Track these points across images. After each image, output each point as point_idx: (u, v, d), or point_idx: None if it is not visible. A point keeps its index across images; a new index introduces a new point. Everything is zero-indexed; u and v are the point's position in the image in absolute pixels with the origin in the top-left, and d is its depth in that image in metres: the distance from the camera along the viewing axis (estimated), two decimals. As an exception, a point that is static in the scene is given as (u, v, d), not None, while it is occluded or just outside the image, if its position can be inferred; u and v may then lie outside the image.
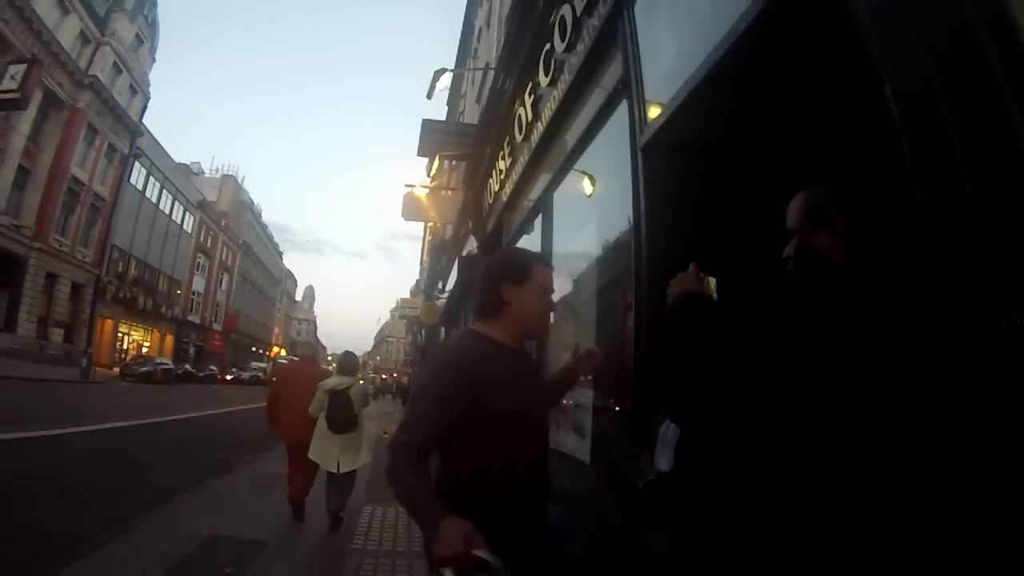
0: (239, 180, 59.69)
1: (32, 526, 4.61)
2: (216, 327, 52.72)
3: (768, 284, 1.51)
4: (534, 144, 5.14)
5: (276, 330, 76.31)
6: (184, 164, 48.61)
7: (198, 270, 48.53)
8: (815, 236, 1.28)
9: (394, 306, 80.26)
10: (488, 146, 7.38)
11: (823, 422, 1.05)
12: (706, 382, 1.18)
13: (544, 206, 5.10)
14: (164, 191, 40.91)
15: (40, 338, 27.54)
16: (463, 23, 19.80)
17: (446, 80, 12.01)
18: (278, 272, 76.60)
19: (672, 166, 2.61)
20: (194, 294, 48.05)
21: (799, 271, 1.33)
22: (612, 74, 3.45)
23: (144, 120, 36.02)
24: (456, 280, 10.82)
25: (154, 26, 35.90)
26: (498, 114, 6.65)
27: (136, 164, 35.94)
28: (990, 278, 0.98)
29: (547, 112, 4.69)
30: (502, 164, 6.53)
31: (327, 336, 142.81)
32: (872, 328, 1.06)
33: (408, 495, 1.56)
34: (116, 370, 31.30)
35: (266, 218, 71.74)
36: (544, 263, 1.86)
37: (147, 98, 36.11)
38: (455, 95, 21.08)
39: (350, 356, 6.20)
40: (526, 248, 2.07)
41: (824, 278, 1.25)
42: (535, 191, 5.57)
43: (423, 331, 27.80)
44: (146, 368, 30.63)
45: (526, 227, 5.89)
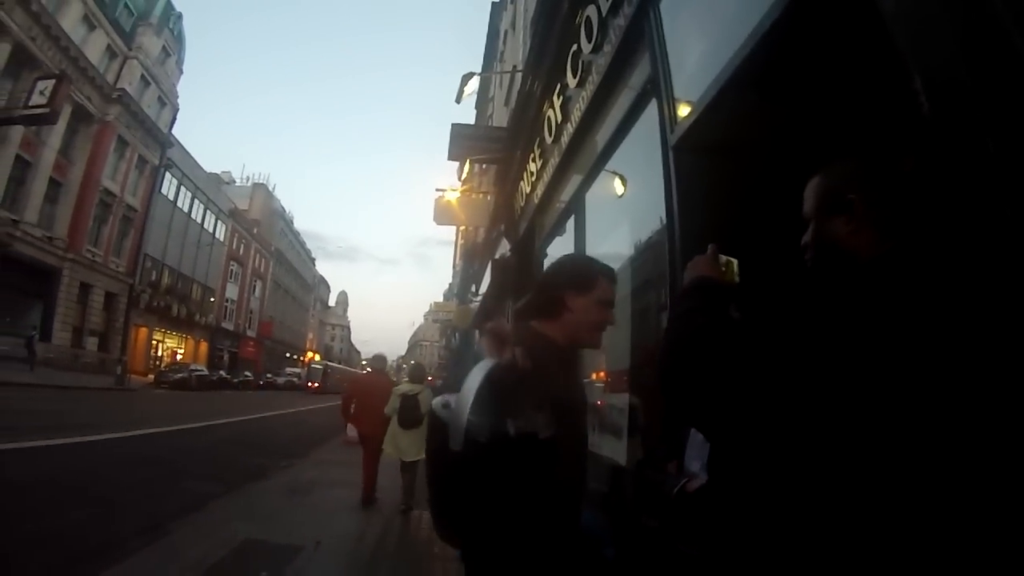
0: (270, 188, 60.70)
1: (66, 532, 4.64)
2: (250, 334, 53.50)
3: (792, 278, 1.45)
4: (564, 146, 5.15)
5: (310, 336, 77.25)
6: (215, 174, 49.48)
7: (231, 278, 49.32)
8: (831, 223, 1.24)
9: (427, 310, 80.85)
10: (518, 149, 7.37)
11: (827, 422, 1.02)
12: (707, 374, 1.12)
13: (576, 207, 5.13)
14: (196, 200, 41.66)
15: (75, 347, 28.14)
16: (488, 28, 20.23)
17: (474, 84, 12.46)
18: (311, 279, 77.59)
19: (704, 165, 2.61)
20: (228, 302, 48.83)
21: (815, 260, 1.29)
22: (640, 74, 3.49)
23: (173, 131, 36.66)
24: (489, 283, 10.89)
25: (180, 39, 36.55)
26: (527, 117, 6.66)
27: (167, 175, 36.58)
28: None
29: (576, 113, 4.70)
30: (533, 166, 6.55)
31: (361, 342, 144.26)
32: (888, 322, 1.00)
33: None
34: (150, 377, 31.87)
35: (298, 225, 72.94)
36: (609, 276, 1.84)
37: (176, 109, 36.76)
38: (483, 99, 21.29)
39: (419, 367, 8.06)
40: (593, 258, 2.01)
41: (840, 267, 1.20)
42: (566, 192, 5.61)
43: (456, 335, 27.98)
44: (181, 375, 31.16)
45: (558, 229, 5.94)
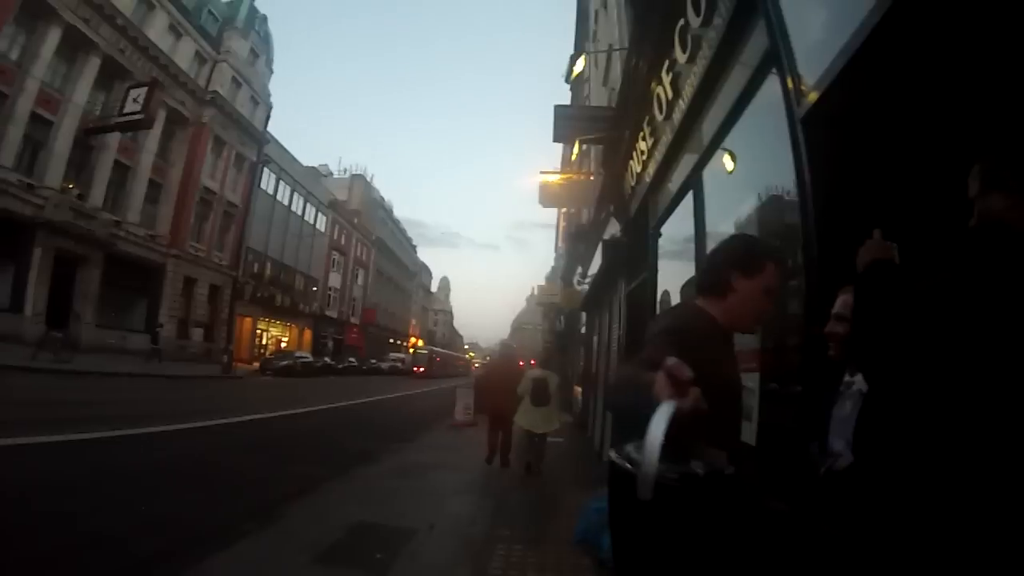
0: (368, 179, 62.43)
1: (179, 516, 4.73)
2: (354, 321, 55.52)
3: (947, 253, 1.47)
4: (677, 123, 5.00)
5: (413, 321, 79.38)
6: (313, 167, 51.46)
7: (334, 267, 51.24)
8: (991, 199, 1.34)
9: (529, 294, 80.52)
10: (627, 127, 7.25)
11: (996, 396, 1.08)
12: (903, 348, 1.27)
13: (693, 185, 4.96)
14: (295, 194, 43.42)
15: (181, 338, 30.05)
16: (577, 9, 20.56)
17: (581, 63, 13.21)
18: (413, 265, 79.54)
19: (837, 138, 2.46)
20: (331, 290, 50.82)
21: (979, 237, 1.36)
22: (756, 45, 3.40)
23: (268, 128, 38.17)
24: (601, 265, 10.66)
25: (267, 40, 37.85)
26: (634, 95, 6.52)
27: (265, 170, 38.18)
28: None
29: (688, 89, 4.54)
30: (643, 145, 6.39)
31: (463, 326, 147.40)
32: None
33: (624, 382, 1.53)
34: (255, 365, 33.57)
35: (398, 214, 74.64)
36: (779, 261, 1.83)
37: (269, 107, 38.19)
38: (578, 81, 21.04)
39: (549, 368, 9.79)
40: (765, 241, 1.99)
41: (1002, 242, 1.27)
42: (681, 171, 5.48)
43: (562, 317, 27.87)
44: (286, 362, 32.51)
45: (674, 208, 5.82)
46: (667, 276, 6.15)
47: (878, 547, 1.43)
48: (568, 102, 22.64)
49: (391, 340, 65.63)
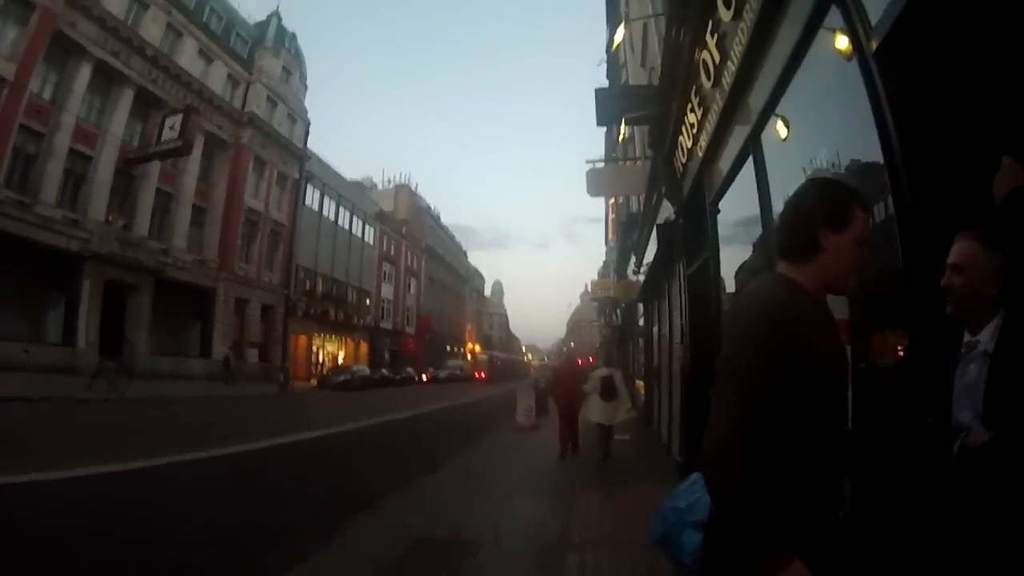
0: (413, 188, 62.47)
1: (243, 530, 4.85)
2: (409, 330, 55.46)
3: None
4: (727, 87, 4.79)
5: (468, 327, 79.08)
6: (356, 180, 51.63)
7: (385, 278, 51.26)
8: None
9: (583, 291, 79.11)
10: (673, 102, 6.93)
11: None
12: None
13: (752, 150, 4.67)
14: (341, 207, 43.54)
15: (237, 359, 30.12)
16: None
17: (621, 32, 12.75)
18: (464, 271, 79.29)
19: (918, 73, 2.23)
20: (384, 301, 50.85)
21: None
22: None
23: (308, 144, 38.22)
24: (656, 251, 10.41)
25: (299, 57, 37.97)
26: (679, 65, 6.26)
27: (308, 187, 38.39)
28: None
29: (737, 48, 4.37)
30: (692, 117, 6.14)
31: (518, 328, 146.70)
32: None
33: (742, 506, 1.33)
34: (313, 382, 33.61)
35: (446, 220, 74.48)
36: (865, 205, 1.53)
37: (307, 123, 38.26)
38: (614, 67, 20.70)
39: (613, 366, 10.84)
40: (843, 181, 1.72)
41: None
42: (737, 138, 5.18)
43: (618, 311, 27.85)
44: (343, 377, 32.45)
45: (732, 180, 5.51)
46: (730, 255, 5.85)
47: None
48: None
49: (448, 347, 65.41)
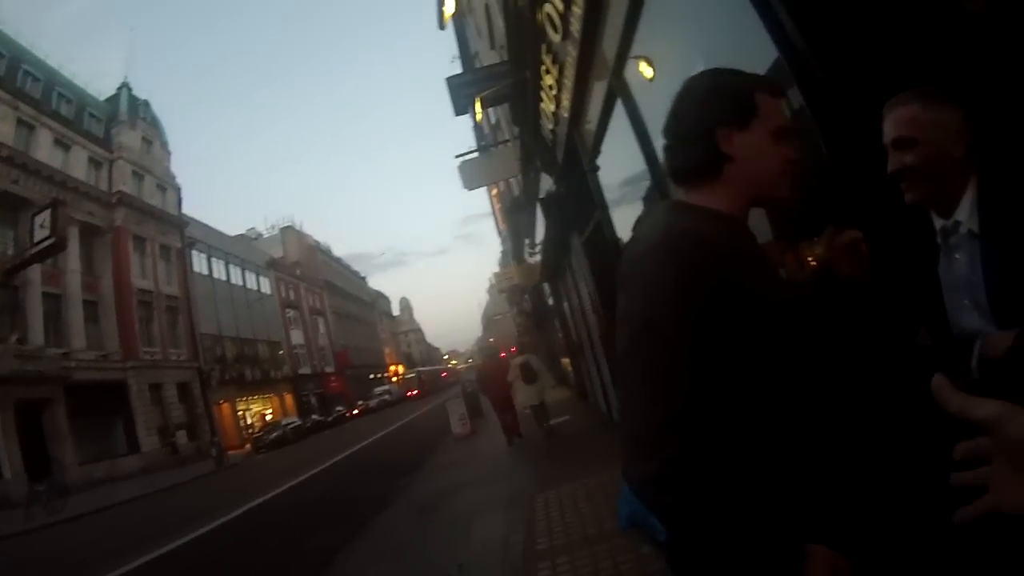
0: (298, 227, 61.29)
1: None
2: (329, 369, 54.71)
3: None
4: (578, 33, 4.45)
5: (387, 350, 78.70)
6: (240, 235, 50.30)
7: (292, 324, 50.27)
8: None
9: (489, 285, 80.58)
10: (526, 68, 6.52)
11: None
12: None
13: (618, 92, 4.37)
14: (230, 265, 42.32)
15: (166, 446, 29.08)
16: None
17: (451, 4, 12.85)
18: (368, 297, 78.58)
19: None
20: (297, 347, 49.88)
21: None
22: None
23: (184, 210, 37.00)
24: (546, 227, 10.50)
25: (155, 123, 36.60)
26: (524, 29, 5.88)
27: (194, 253, 37.18)
28: None
29: None
30: (549, 79, 5.79)
31: (437, 337, 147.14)
32: None
33: (723, 525, 0.96)
34: (248, 447, 32.82)
35: (338, 251, 73.70)
36: (770, 87, 1.20)
37: (178, 189, 37.00)
38: (468, 59, 20.45)
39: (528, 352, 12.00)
40: (738, 70, 1.24)
41: None
42: (599, 87, 4.89)
43: (526, 296, 27.66)
44: (276, 433, 31.96)
45: (604, 128, 5.26)
46: (625, 210, 5.46)
47: None
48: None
49: (371, 375, 64.91)
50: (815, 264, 1.41)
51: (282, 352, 46.38)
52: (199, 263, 38.07)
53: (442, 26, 18.67)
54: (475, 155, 14.39)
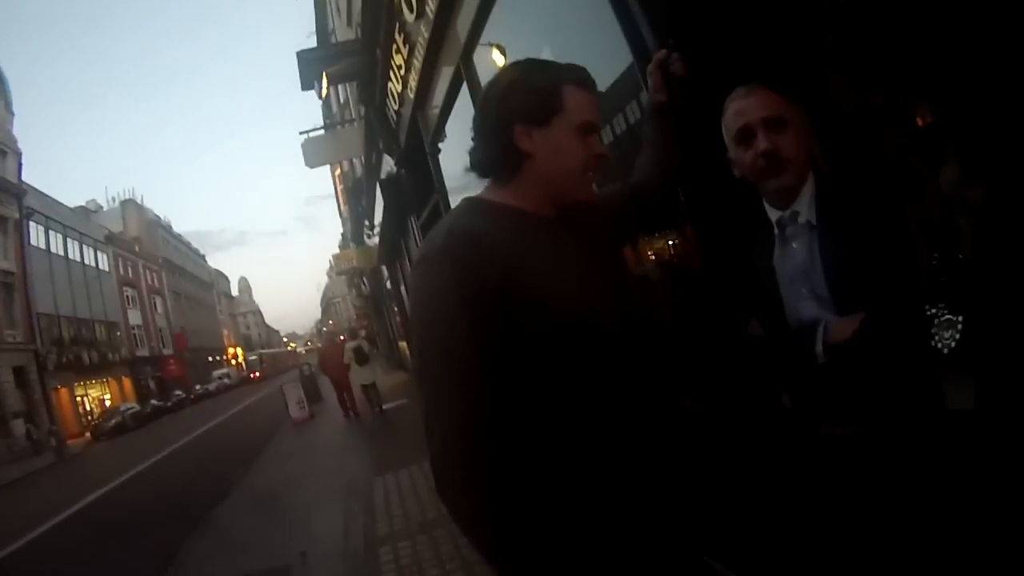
0: (139, 201, 57.23)
1: None
2: (167, 352, 52.10)
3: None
4: (432, 14, 4.34)
5: (225, 332, 75.27)
6: (80, 206, 46.38)
7: (130, 304, 47.38)
8: None
9: (328, 267, 79.94)
10: (377, 47, 6.23)
11: None
12: None
13: (465, 75, 4.35)
14: (68, 240, 39.27)
15: (3, 437, 27.29)
16: None
17: None
18: (208, 276, 74.50)
19: None
20: (135, 328, 47.15)
21: None
22: None
23: (23, 177, 34.14)
24: (384, 208, 10.30)
25: (1, 80, 33.32)
26: (380, 7, 5.67)
27: (31, 225, 34.40)
28: None
29: None
30: (399, 59, 5.61)
31: (276, 320, 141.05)
32: None
33: (515, 549, 0.99)
34: (87, 435, 31.42)
35: (179, 228, 69.29)
36: (577, 79, 1.18)
37: (19, 154, 33.96)
38: (323, 35, 19.00)
39: (360, 338, 13.25)
40: (547, 59, 1.29)
41: None
42: (447, 70, 4.78)
43: (364, 279, 27.41)
44: (115, 420, 31.00)
45: (448, 111, 5.21)
46: (462, 194, 6.35)
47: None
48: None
49: (210, 358, 62.35)
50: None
51: (120, 334, 43.82)
52: (37, 236, 35.17)
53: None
54: (320, 133, 13.82)
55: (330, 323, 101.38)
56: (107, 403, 38.37)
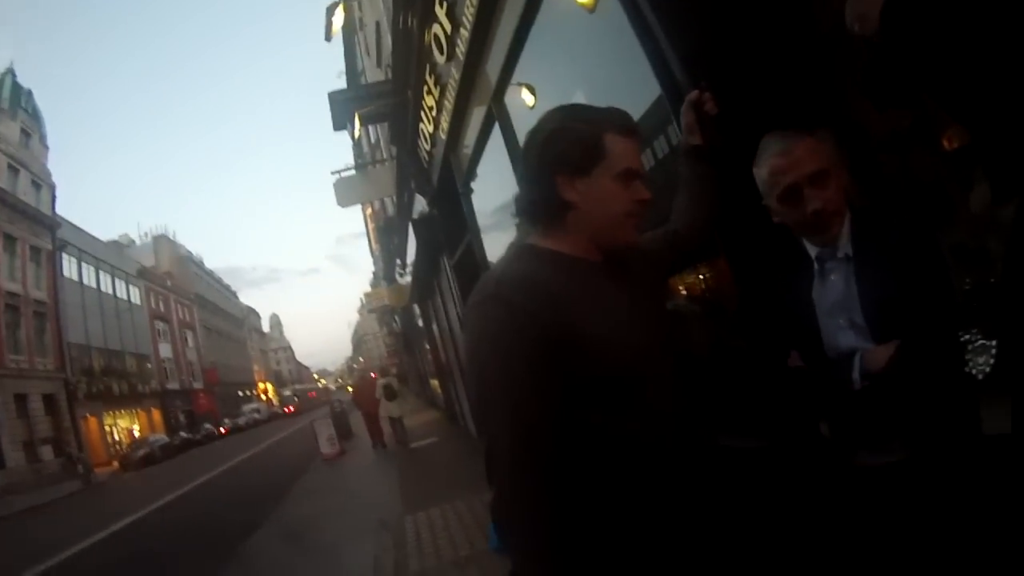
0: (171, 237, 58.33)
1: None
2: (197, 386, 52.22)
3: None
4: (463, 55, 4.35)
5: (256, 368, 75.77)
6: (113, 240, 47.34)
7: (161, 337, 47.76)
8: None
9: (360, 305, 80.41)
10: (408, 89, 6.34)
11: None
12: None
13: (497, 117, 4.36)
14: (100, 272, 39.89)
15: (32, 462, 27.13)
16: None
17: (340, 18, 12.30)
18: (239, 312, 75.47)
19: None
20: (165, 361, 47.42)
21: None
22: None
23: (57, 210, 34.81)
24: (416, 247, 10.34)
25: (36, 116, 34.34)
26: (411, 49, 5.69)
27: (64, 257, 34.94)
28: None
29: (469, 10, 3.97)
30: (430, 100, 5.64)
31: (307, 356, 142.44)
32: None
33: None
34: (115, 464, 31.22)
35: (211, 264, 70.57)
36: (619, 126, 1.18)
37: (53, 188, 34.71)
38: (353, 75, 19.64)
39: (389, 376, 15.84)
40: (585, 104, 1.34)
41: None
42: (479, 109, 4.77)
43: (396, 317, 27.76)
44: (143, 451, 30.78)
45: (481, 152, 5.23)
46: (497, 236, 5.60)
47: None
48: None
49: (240, 392, 62.47)
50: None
51: (150, 366, 44.00)
52: (69, 267, 35.73)
53: (328, 37, 16.88)
54: (352, 172, 14.00)
55: (361, 360, 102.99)
56: (136, 434, 38.25)
